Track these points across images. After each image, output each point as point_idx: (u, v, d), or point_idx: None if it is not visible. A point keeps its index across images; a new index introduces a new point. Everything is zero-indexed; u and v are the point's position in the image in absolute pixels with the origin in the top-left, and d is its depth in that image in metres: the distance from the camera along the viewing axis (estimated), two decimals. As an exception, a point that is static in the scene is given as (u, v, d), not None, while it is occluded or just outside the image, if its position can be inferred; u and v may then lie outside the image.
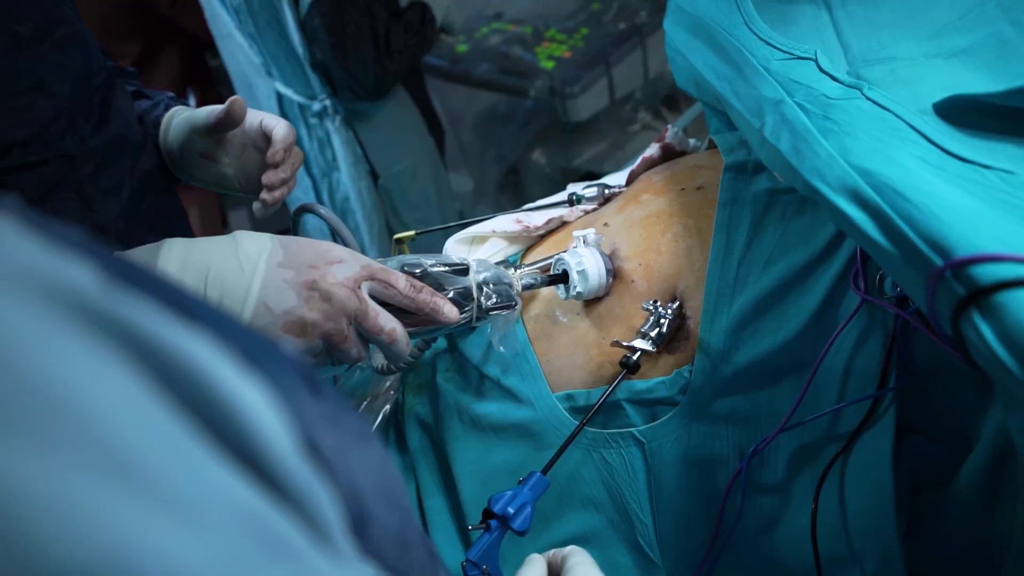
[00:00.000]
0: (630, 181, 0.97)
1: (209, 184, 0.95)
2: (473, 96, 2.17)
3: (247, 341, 0.23)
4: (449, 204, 1.95)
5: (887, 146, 0.48)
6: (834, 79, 0.58)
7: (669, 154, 0.97)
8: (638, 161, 0.98)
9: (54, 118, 0.78)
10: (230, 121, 0.86)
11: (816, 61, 0.61)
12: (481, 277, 0.74)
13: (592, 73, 1.89)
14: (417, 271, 0.72)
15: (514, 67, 1.98)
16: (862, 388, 0.66)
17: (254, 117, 0.88)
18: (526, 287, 0.78)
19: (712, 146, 0.95)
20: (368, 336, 0.67)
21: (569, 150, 2.04)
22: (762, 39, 0.68)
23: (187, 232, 1.03)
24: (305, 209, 0.85)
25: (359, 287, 0.65)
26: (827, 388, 0.67)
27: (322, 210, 0.83)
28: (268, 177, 0.86)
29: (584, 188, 0.99)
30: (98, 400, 0.18)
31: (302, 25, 1.61)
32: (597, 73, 1.90)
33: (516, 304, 0.76)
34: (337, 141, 1.74)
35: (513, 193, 2.16)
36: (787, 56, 0.64)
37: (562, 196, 1.00)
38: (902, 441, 0.65)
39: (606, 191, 0.98)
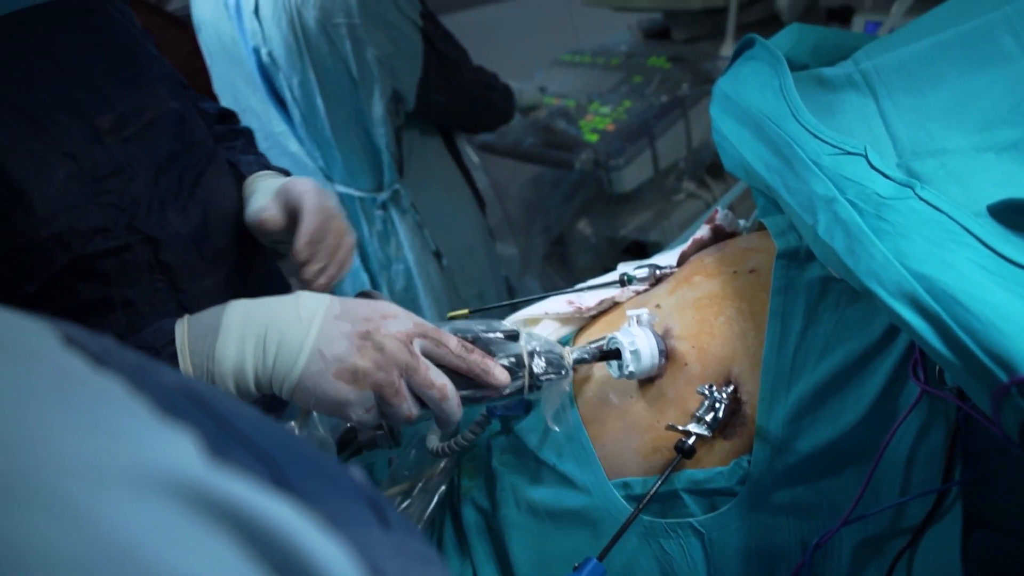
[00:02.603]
0: (681, 262, 0.98)
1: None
2: (519, 168, 2.22)
3: (330, 502, 0.25)
4: (500, 277, 1.99)
5: (943, 250, 0.49)
6: (885, 176, 0.59)
7: (719, 235, 0.98)
8: (689, 242, 0.99)
9: (135, 202, 0.79)
10: (265, 231, 0.88)
11: (866, 157, 0.62)
12: (532, 345, 0.75)
13: (636, 145, 1.92)
14: (468, 336, 0.73)
15: (559, 140, 2.02)
16: (926, 479, 0.65)
17: (290, 195, 0.87)
18: (577, 361, 0.79)
19: (761, 226, 0.96)
20: (419, 391, 0.68)
21: (614, 220, 2.06)
22: (811, 132, 0.69)
23: None
24: (364, 295, 0.87)
25: (411, 342, 0.67)
26: (890, 479, 0.67)
27: (379, 296, 0.85)
28: (301, 275, 0.87)
29: (635, 268, 1.00)
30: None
31: (388, 110, 1.67)
32: (641, 145, 1.93)
33: (568, 373, 0.77)
34: (403, 228, 1.78)
35: (560, 263, 2.18)
36: (837, 151, 0.65)
37: (613, 276, 1.01)
38: (971, 535, 0.64)
39: (657, 271, 0.99)
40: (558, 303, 0.98)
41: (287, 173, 1.02)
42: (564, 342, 0.97)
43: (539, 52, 2.62)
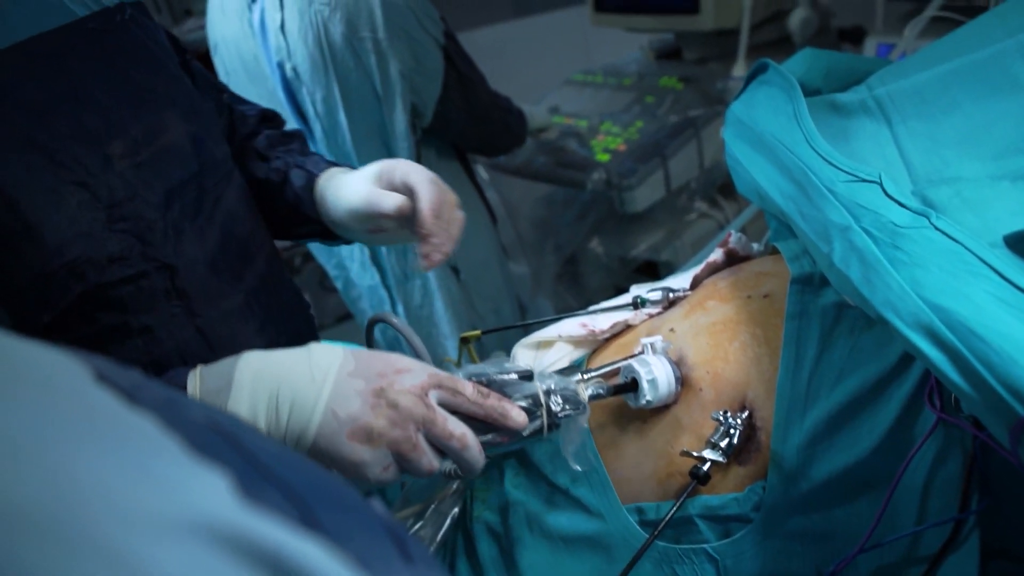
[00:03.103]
0: (695, 285, 0.98)
1: (381, 243, 1.00)
2: (530, 186, 2.23)
3: (356, 539, 0.25)
4: (513, 295, 2.00)
5: (960, 281, 0.49)
6: (901, 205, 0.59)
7: (733, 259, 0.99)
8: (702, 266, 0.99)
9: (150, 229, 0.78)
10: (390, 217, 0.87)
11: (881, 185, 0.62)
12: (547, 384, 0.75)
13: (648, 165, 1.93)
14: (483, 379, 0.73)
15: (570, 160, 2.03)
16: (942, 508, 0.65)
17: (394, 174, 0.88)
18: (593, 397, 0.79)
19: (775, 249, 0.97)
20: (439, 443, 0.67)
21: (626, 239, 2.07)
22: (825, 159, 0.69)
23: (308, 326, 1.04)
24: (379, 320, 0.87)
25: (427, 394, 0.66)
26: (906, 507, 0.66)
27: (396, 320, 0.86)
28: (423, 249, 0.87)
29: (648, 291, 1.00)
30: None
31: (412, 124, 1.69)
32: (653, 165, 1.93)
33: (585, 409, 0.77)
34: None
35: (571, 282, 2.19)
36: (852, 178, 0.65)
37: (626, 299, 1.01)
38: (988, 565, 0.64)
39: (671, 295, 0.99)
40: (571, 326, 0.98)
41: (343, 164, 1.03)
42: (577, 364, 0.97)
43: (551, 71, 2.64)
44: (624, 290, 1.03)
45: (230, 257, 0.87)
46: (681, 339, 0.86)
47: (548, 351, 0.97)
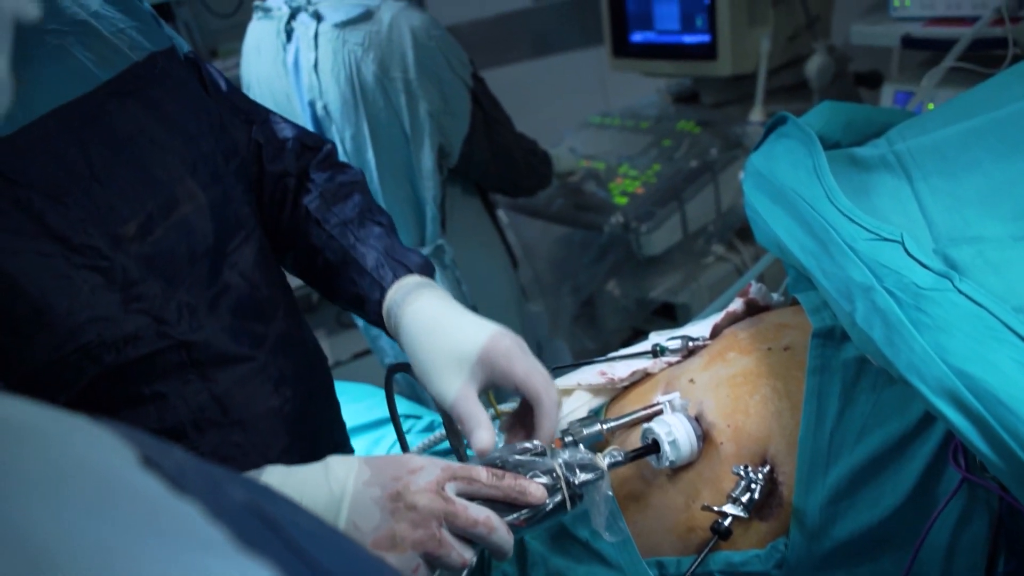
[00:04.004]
0: (714, 334, 0.99)
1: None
2: (547, 227, 2.24)
3: None
4: (531, 336, 2.00)
5: (985, 347, 0.49)
6: (923, 265, 0.59)
7: (753, 309, 0.99)
8: (722, 315, 0.99)
9: (165, 306, 0.76)
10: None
11: (903, 244, 0.63)
12: (561, 457, 0.73)
13: (665, 209, 1.94)
14: (497, 462, 0.72)
15: (588, 202, 2.05)
16: (968, 568, 0.64)
17: (508, 370, 0.75)
18: (611, 466, 0.76)
19: (795, 300, 0.97)
20: (465, 533, 0.66)
21: (644, 281, 2.07)
22: (847, 215, 0.70)
23: (324, 385, 1.00)
24: (398, 369, 0.88)
25: (443, 489, 0.66)
26: (930, 567, 0.66)
27: (412, 372, 0.86)
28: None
29: (668, 339, 1.01)
30: None
31: (439, 164, 1.72)
32: (670, 209, 1.94)
33: (604, 474, 0.75)
34: (443, 284, 1.81)
35: (588, 324, 2.19)
36: (873, 237, 0.65)
37: (645, 346, 1.02)
38: (1016, 629, 0.63)
39: (690, 343, 0.99)
40: (590, 374, 0.98)
41: (412, 261, 0.88)
42: (596, 412, 0.97)
43: (568, 112, 2.66)
44: (641, 332, 1.03)
45: (247, 321, 0.84)
46: (701, 391, 0.86)
47: (567, 399, 0.97)
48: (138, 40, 0.80)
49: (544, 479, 0.71)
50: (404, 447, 0.89)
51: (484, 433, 0.72)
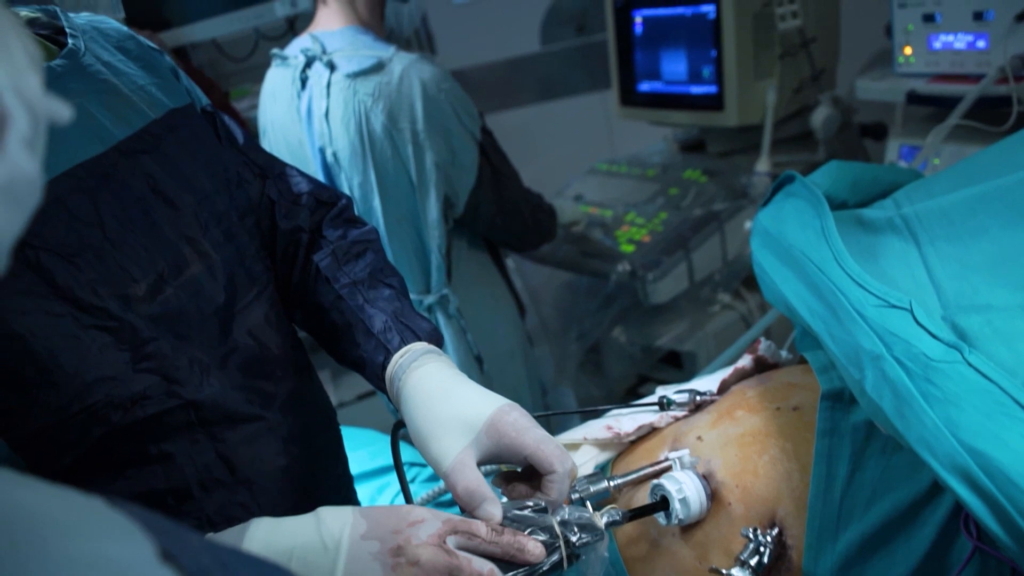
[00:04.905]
0: (722, 389, 0.98)
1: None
2: (554, 272, 2.25)
3: None
4: (537, 384, 1.99)
5: (996, 424, 0.49)
6: (932, 335, 0.60)
7: (762, 365, 0.99)
8: (730, 371, 0.99)
9: (174, 366, 0.75)
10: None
11: (912, 312, 0.63)
12: (561, 516, 0.73)
13: (672, 257, 1.94)
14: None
15: (595, 250, 2.05)
16: (982, 640, 0.63)
17: (516, 443, 0.72)
18: (609, 524, 0.76)
19: (803, 358, 0.97)
20: None
21: (650, 329, 2.07)
22: (855, 280, 0.70)
23: (332, 443, 0.98)
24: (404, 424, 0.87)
25: (444, 542, 0.65)
26: (943, 638, 0.65)
27: None
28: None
29: (675, 392, 1.01)
30: None
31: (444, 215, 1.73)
32: (677, 257, 1.95)
33: (603, 535, 0.75)
34: (448, 333, 1.81)
35: (594, 371, 2.18)
36: (882, 303, 0.66)
37: (652, 399, 1.02)
38: None
39: (697, 397, 0.99)
40: (597, 428, 0.98)
41: (421, 328, 0.86)
42: (602, 467, 0.97)
43: (574, 157, 2.69)
44: (647, 379, 1.03)
45: (257, 380, 0.83)
46: (709, 449, 0.85)
47: (573, 453, 0.97)
48: (157, 97, 0.81)
49: (543, 536, 0.70)
50: (408, 499, 0.88)
51: (492, 508, 0.69)
